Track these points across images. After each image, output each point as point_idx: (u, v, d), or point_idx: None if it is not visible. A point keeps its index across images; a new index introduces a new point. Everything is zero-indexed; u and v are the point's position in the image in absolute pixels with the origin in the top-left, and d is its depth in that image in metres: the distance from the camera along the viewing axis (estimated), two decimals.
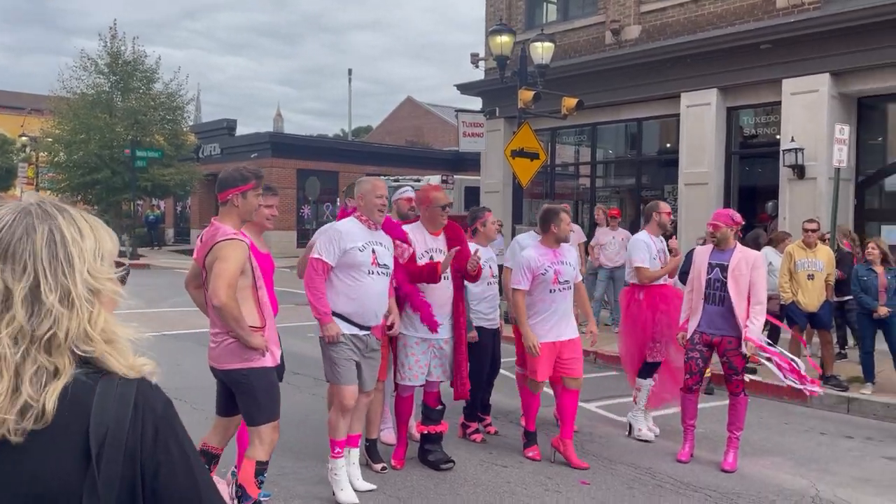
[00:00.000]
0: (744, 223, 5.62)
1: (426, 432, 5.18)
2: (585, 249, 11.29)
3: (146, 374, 1.17)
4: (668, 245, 6.12)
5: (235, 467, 4.08)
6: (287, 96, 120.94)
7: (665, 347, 6.01)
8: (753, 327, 5.28)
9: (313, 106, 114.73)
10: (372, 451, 5.12)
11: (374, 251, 4.51)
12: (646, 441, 5.96)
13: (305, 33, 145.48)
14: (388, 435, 5.65)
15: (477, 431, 5.87)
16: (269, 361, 3.80)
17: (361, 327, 4.53)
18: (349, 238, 4.47)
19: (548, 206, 5.68)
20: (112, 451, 1.09)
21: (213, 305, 3.64)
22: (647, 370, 6.10)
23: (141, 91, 23.55)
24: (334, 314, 4.46)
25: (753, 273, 5.32)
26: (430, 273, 4.84)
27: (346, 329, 4.47)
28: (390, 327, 4.86)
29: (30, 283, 1.11)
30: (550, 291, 5.28)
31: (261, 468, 3.84)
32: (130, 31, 52.40)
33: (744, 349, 5.28)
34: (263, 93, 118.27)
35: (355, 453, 4.73)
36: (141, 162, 21.73)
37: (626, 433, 6.12)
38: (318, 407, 5.60)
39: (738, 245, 5.48)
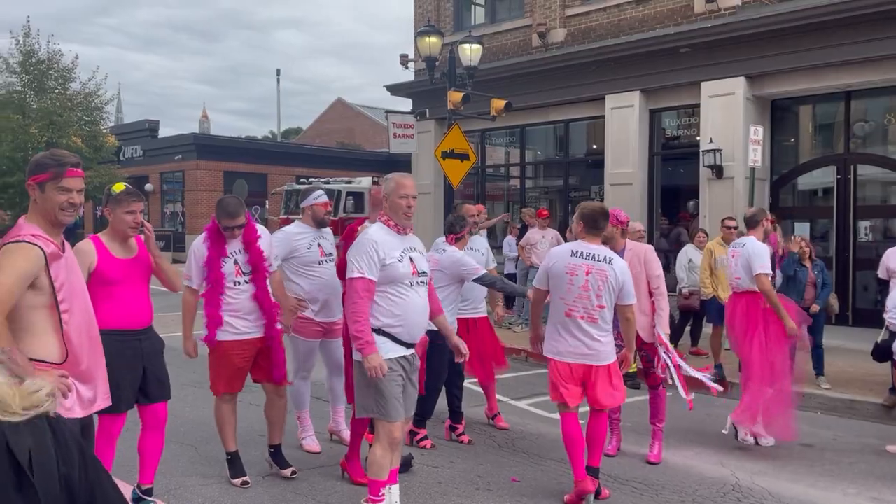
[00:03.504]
0: (629, 220, 5.72)
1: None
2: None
3: (46, 406, 0.99)
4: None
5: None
6: (210, 96, 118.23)
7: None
8: (660, 320, 5.37)
9: (238, 106, 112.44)
10: (278, 457, 4.96)
11: (411, 259, 4.08)
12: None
13: (226, 30, 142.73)
14: (312, 444, 5.56)
15: (425, 438, 5.76)
16: (73, 410, 3.05)
17: (408, 346, 4.09)
18: (386, 247, 3.96)
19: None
20: (42, 471, 0.95)
21: None
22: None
23: (56, 91, 22.59)
24: (381, 332, 3.97)
25: (647, 268, 5.39)
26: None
27: (395, 351, 3.99)
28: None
29: None
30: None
31: None
32: (40, 27, 49.96)
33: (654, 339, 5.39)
34: (185, 92, 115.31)
35: (396, 490, 4.24)
36: None
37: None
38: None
39: (629, 243, 5.54)
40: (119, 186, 4.07)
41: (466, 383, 6.97)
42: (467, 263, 5.51)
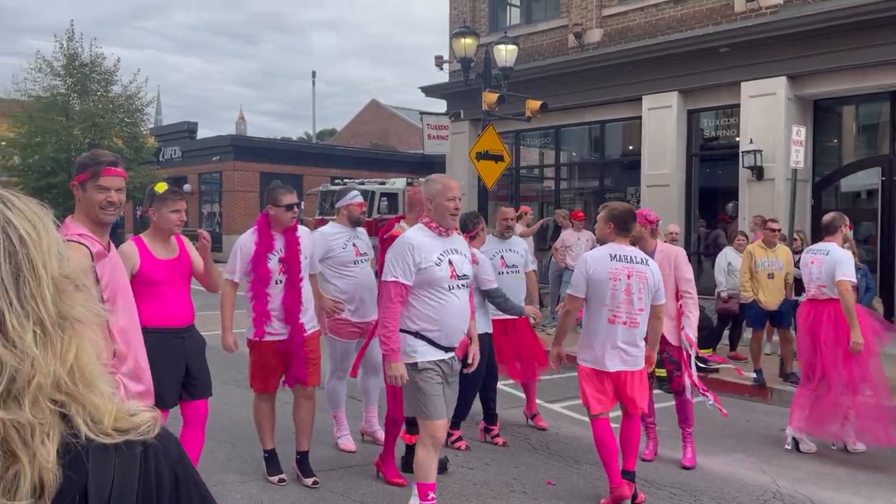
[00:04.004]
0: (658, 220, 5.62)
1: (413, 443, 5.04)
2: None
3: (143, 427, 0.88)
4: None
5: None
6: (246, 97, 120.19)
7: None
8: (689, 322, 5.26)
9: (273, 108, 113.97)
10: (303, 465, 4.87)
11: (450, 262, 4.02)
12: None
13: (262, 33, 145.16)
14: (347, 443, 5.58)
15: (460, 439, 5.73)
16: None
17: (446, 349, 4.05)
18: (423, 251, 3.94)
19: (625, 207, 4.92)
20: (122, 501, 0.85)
21: None
22: None
23: (99, 93, 23.08)
24: (418, 335, 3.96)
25: (677, 272, 5.27)
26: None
27: (432, 355, 3.99)
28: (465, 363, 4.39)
29: None
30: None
31: None
32: (83, 31, 51.02)
33: (683, 342, 5.30)
34: (222, 94, 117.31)
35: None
36: None
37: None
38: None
39: (659, 244, 5.45)
40: (162, 186, 4.12)
41: (501, 385, 6.96)
42: (485, 268, 5.44)
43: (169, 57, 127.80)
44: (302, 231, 4.87)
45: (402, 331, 3.98)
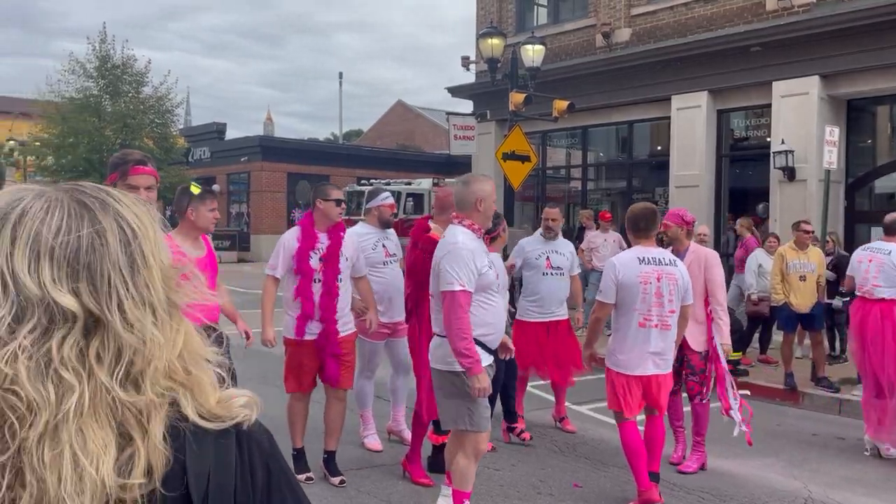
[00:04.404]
0: (695, 221, 5.54)
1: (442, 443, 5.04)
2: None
3: (240, 416, 0.90)
4: None
5: None
6: (273, 99, 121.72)
7: None
8: (720, 333, 5.17)
9: (300, 109, 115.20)
10: (330, 464, 4.89)
11: (492, 265, 3.98)
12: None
13: (289, 35, 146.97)
14: (374, 442, 5.60)
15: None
16: None
17: (493, 352, 4.03)
18: (478, 256, 3.83)
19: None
20: (219, 496, 0.86)
21: None
22: None
23: (130, 95, 23.44)
24: (475, 342, 3.81)
25: (707, 274, 5.17)
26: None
27: (485, 360, 3.88)
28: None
29: (116, 304, 0.83)
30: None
31: None
32: (115, 33, 51.76)
33: (719, 350, 5.22)
34: (249, 95, 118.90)
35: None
36: None
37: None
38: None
39: (692, 245, 5.37)
40: (196, 187, 4.19)
41: (529, 387, 6.93)
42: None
43: (197, 59, 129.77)
44: (347, 233, 4.90)
45: None
